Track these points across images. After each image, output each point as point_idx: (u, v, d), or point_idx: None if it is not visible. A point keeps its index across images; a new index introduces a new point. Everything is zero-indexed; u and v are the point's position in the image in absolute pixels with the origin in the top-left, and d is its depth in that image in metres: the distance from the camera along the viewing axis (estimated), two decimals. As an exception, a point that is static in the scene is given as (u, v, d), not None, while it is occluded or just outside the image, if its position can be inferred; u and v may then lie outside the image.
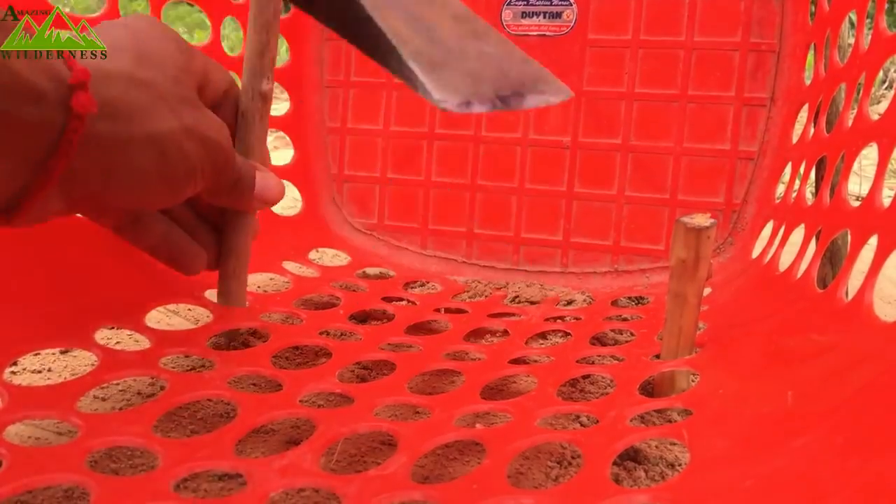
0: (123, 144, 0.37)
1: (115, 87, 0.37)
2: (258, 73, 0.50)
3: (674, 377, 0.46)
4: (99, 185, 0.38)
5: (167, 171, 0.40)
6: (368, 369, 0.54)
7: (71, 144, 0.34)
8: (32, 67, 0.32)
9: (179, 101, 0.41)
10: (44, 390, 0.40)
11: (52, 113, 0.33)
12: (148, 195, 0.41)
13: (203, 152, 0.43)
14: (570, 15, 0.72)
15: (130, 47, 0.39)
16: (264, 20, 0.50)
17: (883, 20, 0.43)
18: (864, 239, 0.37)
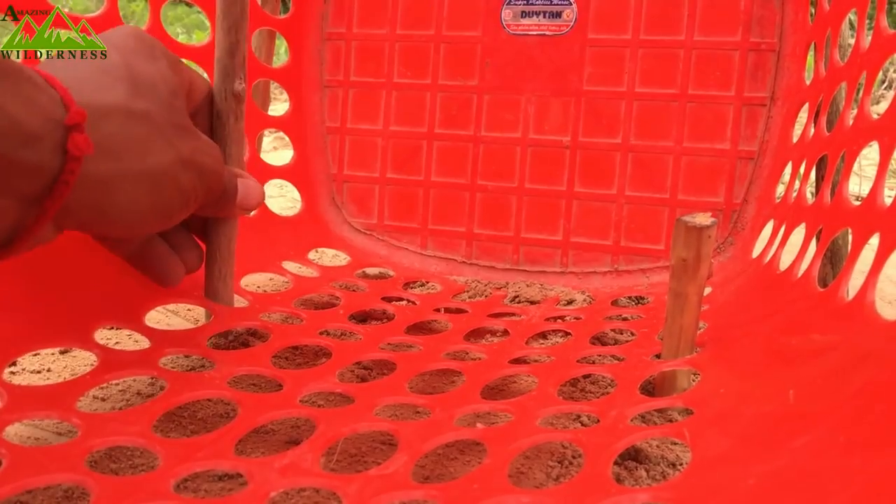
0: (118, 181, 0.37)
1: (111, 123, 0.37)
2: (230, 74, 0.50)
3: (675, 376, 0.46)
4: (92, 218, 0.37)
5: (161, 203, 0.41)
6: (368, 369, 0.54)
7: (67, 185, 0.34)
8: (28, 110, 0.32)
9: (174, 130, 0.41)
10: (43, 390, 0.40)
11: (48, 155, 0.33)
12: (140, 226, 0.41)
13: (198, 181, 0.43)
14: (570, 14, 0.72)
15: (124, 76, 0.39)
16: (232, 20, 0.50)
17: (884, 19, 0.43)
18: (865, 238, 0.37)
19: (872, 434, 0.25)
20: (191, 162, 0.42)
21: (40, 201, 0.34)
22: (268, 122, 0.76)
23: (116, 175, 0.37)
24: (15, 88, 0.32)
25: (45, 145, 0.33)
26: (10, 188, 0.33)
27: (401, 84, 0.77)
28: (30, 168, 0.33)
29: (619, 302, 0.66)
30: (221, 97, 0.50)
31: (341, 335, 0.58)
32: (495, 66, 0.74)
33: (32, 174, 0.33)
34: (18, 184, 0.33)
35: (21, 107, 0.32)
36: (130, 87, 0.39)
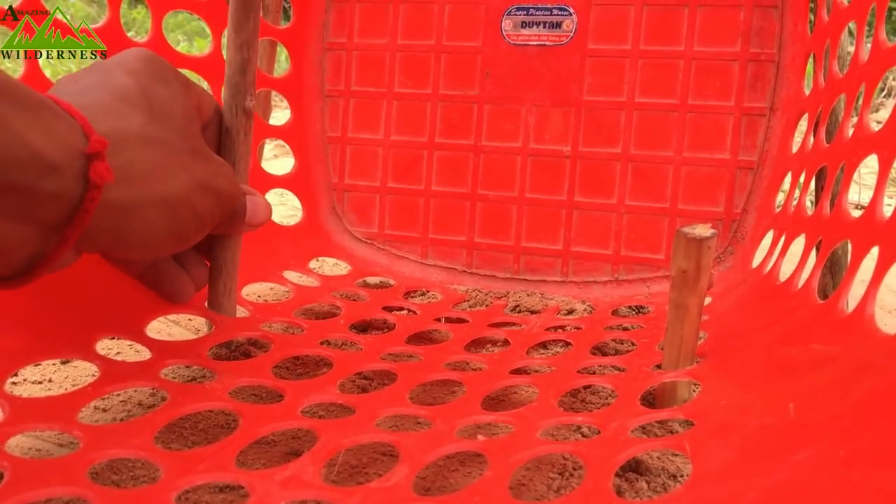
0: (137, 207, 0.38)
1: (130, 150, 0.37)
2: (241, 91, 0.51)
3: (675, 387, 0.46)
4: (110, 242, 0.38)
5: (178, 227, 0.41)
6: (369, 379, 0.54)
7: (87, 213, 0.34)
8: (49, 140, 0.32)
9: (190, 154, 0.42)
10: (45, 402, 0.40)
11: (70, 183, 0.33)
12: (157, 250, 0.41)
13: (214, 205, 0.44)
14: (570, 25, 0.72)
15: (141, 103, 0.39)
16: (244, 38, 0.50)
17: (882, 31, 0.43)
18: (865, 250, 0.37)
19: (873, 449, 0.25)
20: (207, 186, 0.43)
21: (61, 228, 0.35)
22: (269, 132, 0.76)
23: (135, 201, 0.38)
24: (36, 119, 0.32)
25: (66, 174, 0.33)
26: (32, 216, 0.33)
27: (401, 94, 0.78)
28: (51, 197, 0.33)
29: (620, 311, 0.66)
30: (232, 113, 0.51)
31: (342, 345, 0.58)
32: (495, 76, 0.75)
33: (54, 203, 0.33)
34: (40, 212, 0.33)
35: (42, 137, 0.32)
36: (147, 113, 0.39)
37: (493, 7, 0.74)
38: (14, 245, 0.34)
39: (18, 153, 0.31)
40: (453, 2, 0.76)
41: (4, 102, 0.30)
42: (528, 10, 0.73)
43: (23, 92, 0.32)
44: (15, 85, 0.32)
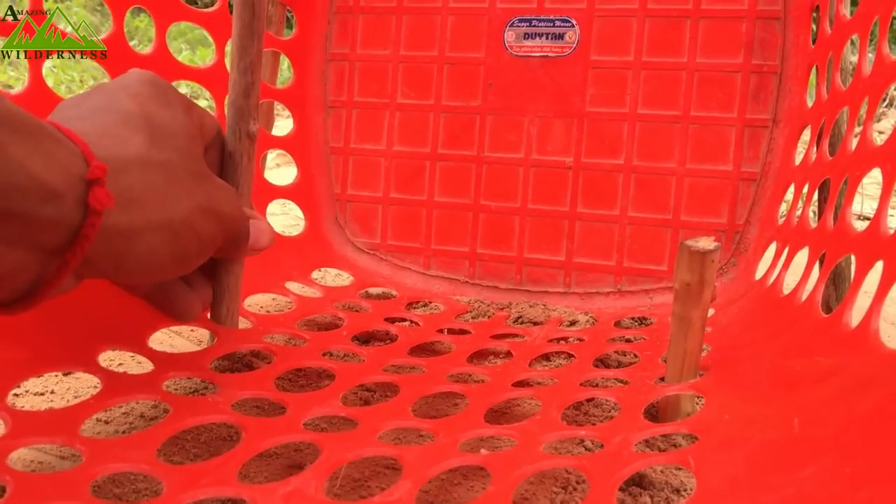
0: (138, 232, 0.37)
1: (131, 174, 0.37)
2: (245, 115, 0.51)
3: (679, 401, 0.46)
4: (111, 268, 0.38)
5: (180, 251, 0.41)
6: (372, 391, 0.54)
7: (87, 239, 0.34)
8: (49, 166, 0.32)
9: (192, 178, 0.41)
10: (46, 415, 0.40)
11: (70, 209, 0.33)
12: (159, 274, 0.41)
13: (217, 228, 0.44)
14: (573, 36, 0.72)
15: (143, 126, 0.39)
16: (248, 62, 0.50)
17: (885, 45, 0.43)
18: (868, 265, 0.37)
19: (879, 466, 0.25)
20: (209, 209, 0.42)
21: (61, 254, 0.34)
22: (272, 143, 0.77)
23: (136, 226, 0.37)
24: (35, 146, 0.32)
25: (66, 201, 0.33)
26: (32, 242, 0.33)
27: (404, 105, 0.78)
28: (51, 223, 0.33)
29: (623, 322, 0.66)
30: (235, 137, 0.51)
31: (344, 356, 0.58)
32: (498, 87, 0.75)
33: (54, 228, 0.33)
34: (40, 238, 0.33)
35: (42, 164, 0.32)
36: (149, 137, 0.39)
37: (496, 18, 0.75)
38: (14, 270, 0.33)
39: (18, 180, 0.31)
40: (456, 13, 0.76)
41: (4, 130, 0.30)
42: (530, 21, 0.73)
43: (22, 119, 0.32)
44: (14, 112, 0.31)
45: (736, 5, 0.68)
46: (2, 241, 0.32)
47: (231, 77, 0.51)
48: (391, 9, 0.78)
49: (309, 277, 0.72)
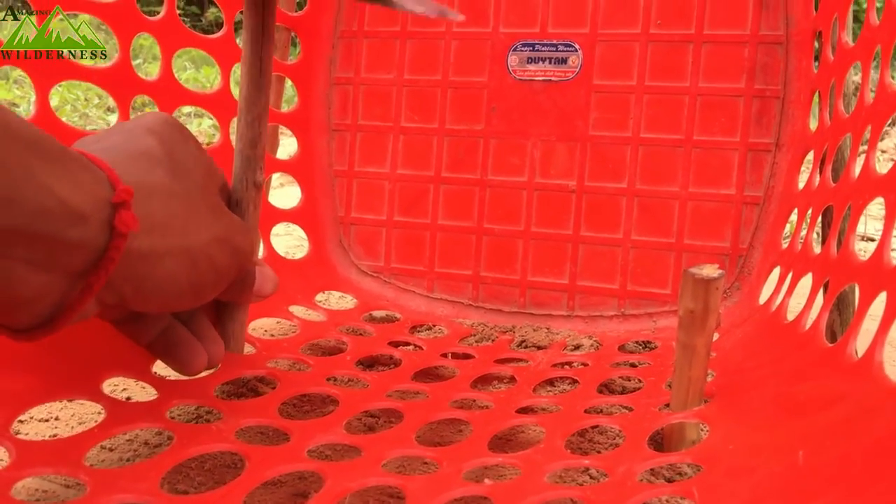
0: (160, 256, 0.39)
1: (154, 201, 0.39)
2: (252, 165, 0.51)
3: (684, 429, 0.46)
4: (131, 292, 0.38)
5: (196, 279, 0.42)
6: (376, 417, 0.54)
7: (112, 261, 0.35)
8: (76, 190, 0.33)
9: (210, 210, 0.43)
10: (51, 445, 0.40)
11: (95, 232, 0.34)
12: (176, 301, 0.42)
13: (232, 260, 0.45)
14: (576, 61, 0.73)
15: (164, 160, 0.40)
16: (256, 113, 0.51)
17: (888, 74, 0.43)
18: (872, 296, 0.37)
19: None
20: (225, 241, 0.44)
21: (85, 276, 0.35)
22: (276, 166, 0.77)
23: (157, 250, 0.38)
24: (63, 170, 0.33)
25: (92, 223, 0.34)
26: (57, 265, 0.34)
27: (408, 128, 0.78)
28: (77, 246, 0.34)
29: (627, 347, 0.66)
30: (242, 186, 0.51)
31: (348, 382, 0.58)
32: (501, 110, 0.75)
33: (79, 251, 0.34)
34: (65, 260, 0.34)
35: (69, 187, 0.33)
36: (170, 169, 0.40)
37: (499, 43, 0.75)
38: (38, 294, 0.34)
39: (46, 203, 0.32)
40: (459, 38, 0.76)
41: (32, 154, 0.31)
42: (533, 45, 0.74)
43: (50, 144, 0.33)
44: (42, 136, 0.32)
45: (738, 30, 0.68)
46: (28, 263, 0.33)
47: (238, 128, 0.51)
48: (395, 33, 0.78)
49: (313, 301, 0.72)
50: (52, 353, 0.45)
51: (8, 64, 0.51)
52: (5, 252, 0.32)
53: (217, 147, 0.66)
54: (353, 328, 0.68)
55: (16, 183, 0.30)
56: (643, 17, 0.71)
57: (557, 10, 0.73)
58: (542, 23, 0.74)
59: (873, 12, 0.48)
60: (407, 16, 0.78)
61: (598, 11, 0.72)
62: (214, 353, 0.50)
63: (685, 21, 0.70)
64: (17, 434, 0.49)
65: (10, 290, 0.33)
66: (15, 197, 0.31)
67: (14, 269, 0.33)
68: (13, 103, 2.42)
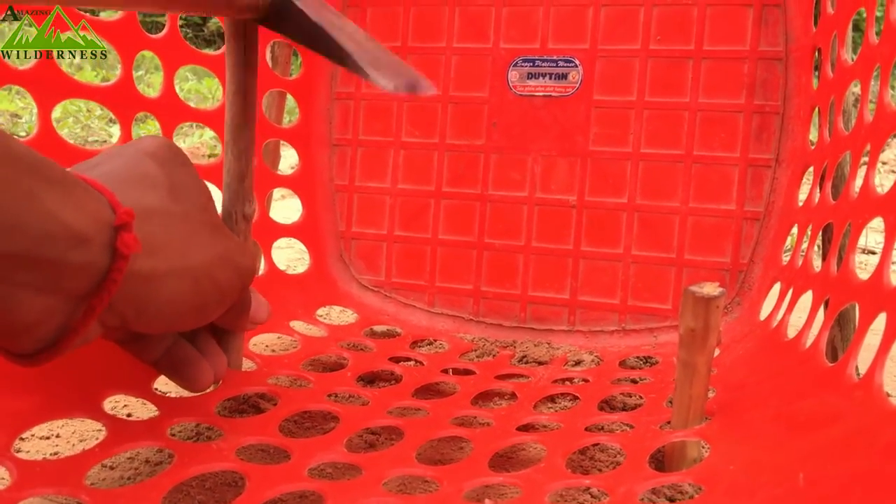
0: (162, 277, 0.39)
1: (154, 223, 0.39)
2: (240, 198, 0.52)
3: (684, 447, 0.46)
4: (133, 314, 0.39)
5: (199, 299, 0.42)
6: (377, 434, 0.54)
7: (115, 283, 0.35)
8: (78, 214, 0.33)
9: (210, 230, 0.43)
10: (52, 465, 0.40)
11: (97, 254, 0.34)
12: (180, 322, 0.42)
13: (234, 279, 0.45)
14: (576, 76, 0.73)
15: (163, 181, 0.41)
16: (242, 147, 0.51)
17: (887, 94, 0.43)
18: (872, 316, 0.37)
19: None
20: (227, 260, 0.44)
21: (87, 299, 0.35)
22: (277, 182, 0.77)
23: (159, 271, 0.39)
24: (66, 194, 0.33)
25: (94, 246, 0.34)
26: (60, 288, 0.34)
27: (408, 143, 0.78)
28: (79, 268, 0.34)
29: (628, 362, 0.66)
30: (232, 220, 0.52)
31: (349, 398, 0.58)
32: (502, 126, 0.75)
33: (82, 274, 0.34)
34: (68, 284, 0.34)
35: (72, 211, 0.33)
36: (168, 190, 0.41)
37: (500, 59, 0.75)
38: (41, 319, 0.34)
39: (50, 228, 0.32)
40: (460, 53, 0.77)
41: (35, 179, 0.32)
42: (534, 61, 0.74)
43: (52, 168, 0.33)
44: (44, 162, 0.33)
45: (737, 46, 0.69)
46: (30, 287, 0.33)
47: (225, 161, 0.52)
48: (396, 49, 0.78)
49: (314, 316, 0.72)
50: (53, 372, 0.45)
51: (11, 84, 0.51)
52: (8, 277, 0.32)
53: (218, 163, 0.66)
54: (353, 343, 0.68)
55: (19, 208, 0.31)
56: (643, 33, 0.71)
57: (557, 26, 0.74)
58: (543, 38, 0.74)
59: (872, 30, 0.48)
60: (408, 31, 0.78)
61: (598, 27, 0.73)
62: (219, 368, 0.50)
63: (685, 37, 0.70)
64: (17, 452, 0.49)
65: (12, 315, 0.33)
66: (18, 223, 0.31)
67: (16, 293, 0.33)
68: (16, 114, 2.43)
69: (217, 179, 0.63)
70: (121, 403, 0.59)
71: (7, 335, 0.35)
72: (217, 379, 0.50)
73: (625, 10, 0.72)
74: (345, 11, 0.80)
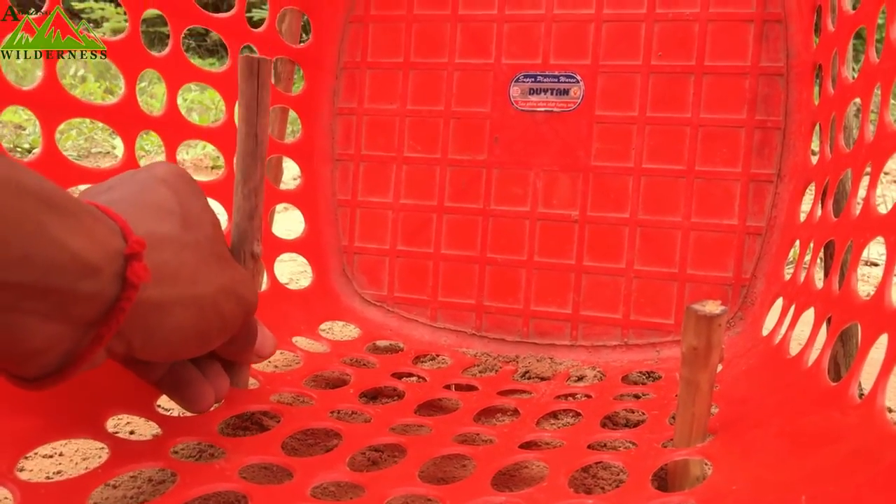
0: (169, 306, 0.39)
1: (166, 252, 0.39)
2: (249, 237, 0.52)
3: (687, 465, 0.46)
4: (139, 341, 0.38)
5: (203, 328, 0.42)
6: (380, 451, 0.54)
7: (123, 312, 0.35)
8: (88, 243, 0.33)
9: (218, 261, 0.44)
10: (55, 486, 0.40)
11: (107, 283, 0.34)
12: (183, 349, 0.42)
13: (237, 309, 0.45)
14: (577, 92, 0.73)
15: (177, 210, 0.41)
16: (252, 186, 0.51)
17: (888, 114, 0.43)
18: (873, 337, 0.37)
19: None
20: (232, 291, 0.44)
21: (96, 327, 0.35)
22: (280, 197, 0.77)
23: (167, 300, 0.39)
24: (76, 224, 0.33)
25: (104, 275, 0.34)
26: (68, 316, 0.34)
27: (411, 158, 0.79)
28: (89, 297, 0.34)
29: (630, 377, 0.66)
30: (240, 258, 0.52)
31: (352, 415, 0.58)
32: (504, 141, 0.76)
33: (91, 302, 0.34)
34: (77, 312, 0.34)
35: (82, 240, 0.33)
36: (181, 220, 0.41)
37: (502, 74, 0.76)
38: (48, 345, 0.34)
39: (59, 258, 0.32)
40: (462, 69, 0.77)
41: (45, 209, 0.32)
42: (535, 77, 0.74)
43: (62, 197, 0.33)
44: (55, 191, 0.33)
45: (739, 61, 0.69)
46: (38, 315, 0.33)
47: (235, 200, 0.52)
48: (398, 64, 0.79)
49: (316, 331, 0.72)
50: (55, 392, 0.45)
51: (15, 104, 0.51)
52: (17, 305, 0.32)
53: (222, 179, 0.66)
54: (356, 359, 0.68)
55: (29, 239, 0.31)
56: (644, 49, 0.71)
57: (559, 42, 0.74)
58: (544, 54, 0.74)
59: (872, 48, 0.48)
60: (410, 47, 0.78)
61: (599, 43, 0.73)
62: (220, 389, 0.50)
63: (686, 52, 0.70)
64: (20, 471, 0.49)
65: (19, 342, 0.33)
66: (27, 254, 0.31)
67: (25, 321, 0.33)
68: (20, 126, 2.43)
69: (221, 196, 0.64)
70: (124, 420, 0.59)
71: (12, 360, 0.35)
72: (218, 399, 0.50)
73: (626, 25, 0.72)
74: (347, 27, 0.80)
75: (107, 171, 0.58)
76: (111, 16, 4.32)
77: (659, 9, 0.71)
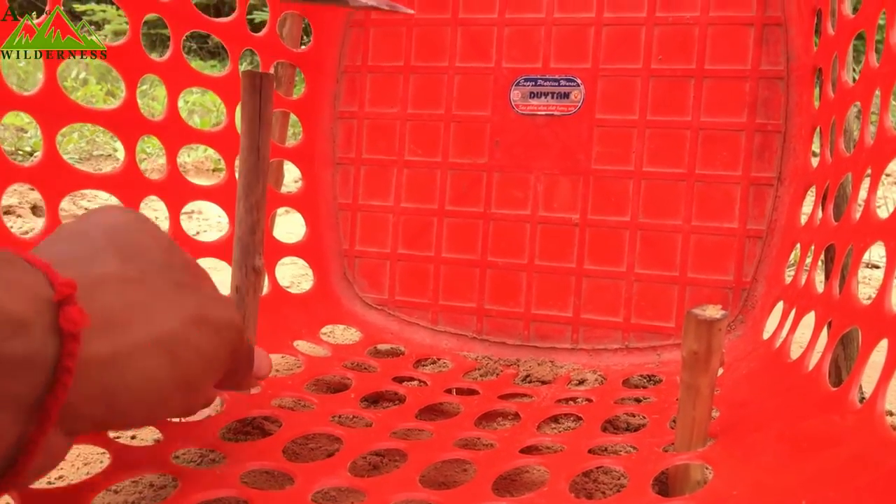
0: (126, 356, 0.32)
1: (107, 292, 0.32)
2: (251, 251, 0.52)
3: (688, 470, 0.46)
4: (104, 411, 0.31)
5: (181, 372, 0.34)
6: (381, 456, 0.54)
7: (68, 371, 0.28)
8: (12, 295, 0.27)
9: (176, 289, 0.36)
10: (56, 493, 0.40)
11: (41, 340, 0.28)
12: (163, 405, 0.35)
13: (217, 340, 0.37)
14: (578, 95, 0.73)
15: (110, 246, 0.35)
16: (254, 200, 0.52)
17: (888, 118, 0.43)
18: (874, 342, 0.37)
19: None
20: (203, 319, 0.36)
21: (40, 402, 0.28)
22: (281, 201, 0.77)
23: (124, 349, 0.31)
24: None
25: (35, 330, 0.28)
26: (3, 396, 0.27)
27: (411, 161, 0.79)
28: (22, 362, 0.27)
29: (631, 381, 0.66)
30: (242, 273, 0.52)
31: (353, 419, 0.58)
32: (504, 144, 0.76)
33: (26, 369, 0.27)
34: (11, 385, 0.27)
35: (3, 292, 0.27)
36: (117, 253, 0.35)
37: (502, 78, 0.76)
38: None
39: None
40: (463, 73, 0.77)
41: None
42: (536, 80, 0.74)
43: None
44: None
45: (739, 65, 0.69)
46: None
47: (237, 214, 0.52)
48: (398, 68, 0.79)
49: (317, 335, 0.72)
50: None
51: (16, 110, 0.51)
52: None
53: (222, 184, 0.66)
54: (357, 363, 0.68)
55: None
56: (644, 53, 0.71)
57: (559, 46, 0.74)
58: (545, 58, 0.74)
59: (872, 53, 0.48)
60: (410, 51, 0.78)
61: (599, 47, 0.73)
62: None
63: (686, 56, 0.70)
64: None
65: None
66: None
67: None
68: (21, 129, 2.43)
69: (221, 200, 0.64)
70: (125, 425, 0.59)
71: None
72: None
73: (626, 29, 0.72)
74: (348, 31, 0.80)
75: (107, 175, 0.58)
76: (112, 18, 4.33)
77: (659, 12, 0.71)
